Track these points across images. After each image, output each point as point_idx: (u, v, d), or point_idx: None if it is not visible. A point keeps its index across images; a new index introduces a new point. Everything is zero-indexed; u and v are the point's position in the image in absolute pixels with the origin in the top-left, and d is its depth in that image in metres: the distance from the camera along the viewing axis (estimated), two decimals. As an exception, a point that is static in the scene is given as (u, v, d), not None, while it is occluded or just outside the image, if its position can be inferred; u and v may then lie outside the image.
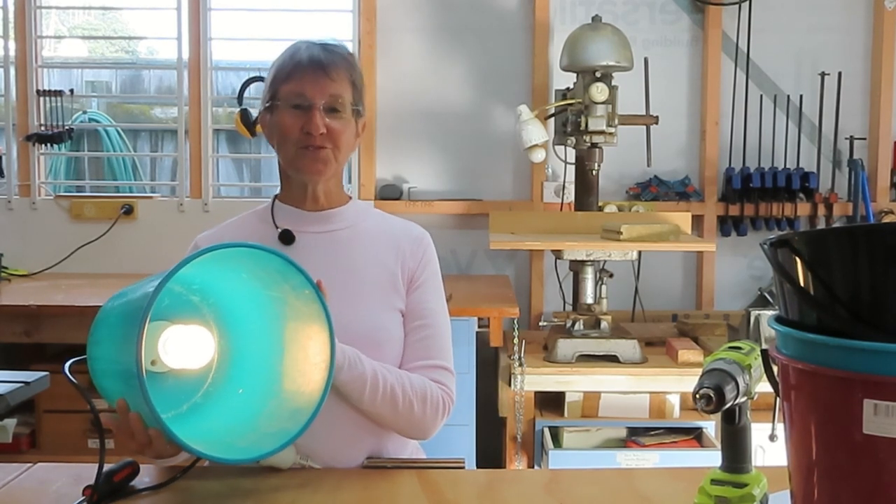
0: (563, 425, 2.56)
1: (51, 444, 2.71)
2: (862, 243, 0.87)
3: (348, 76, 1.47)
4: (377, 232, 1.56)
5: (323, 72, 1.44)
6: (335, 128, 1.45)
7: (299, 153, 1.47)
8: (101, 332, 1.25)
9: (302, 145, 1.46)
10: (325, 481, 1.30)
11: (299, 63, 1.45)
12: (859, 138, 3.29)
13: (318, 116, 1.43)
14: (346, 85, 1.47)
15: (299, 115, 1.45)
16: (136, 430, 1.15)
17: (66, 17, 4.67)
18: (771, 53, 3.31)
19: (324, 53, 1.46)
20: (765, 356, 1.02)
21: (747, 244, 3.33)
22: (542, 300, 3.35)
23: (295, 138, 1.46)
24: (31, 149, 3.40)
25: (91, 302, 2.66)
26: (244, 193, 4.08)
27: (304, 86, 1.44)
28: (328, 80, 1.44)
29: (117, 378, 1.19)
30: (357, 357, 1.38)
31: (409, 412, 1.43)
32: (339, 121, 1.46)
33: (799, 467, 0.94)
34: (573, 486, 1.29)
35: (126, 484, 1.25)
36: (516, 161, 3.34)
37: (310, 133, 1.44)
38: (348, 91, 1.47)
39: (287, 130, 1.46)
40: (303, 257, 1.29)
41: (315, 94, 1.44)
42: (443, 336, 1.53)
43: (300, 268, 1.22)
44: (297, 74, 1.44)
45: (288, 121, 1.45)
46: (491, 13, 3.35)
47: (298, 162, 1.48)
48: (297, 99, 1.44)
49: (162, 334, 1.24)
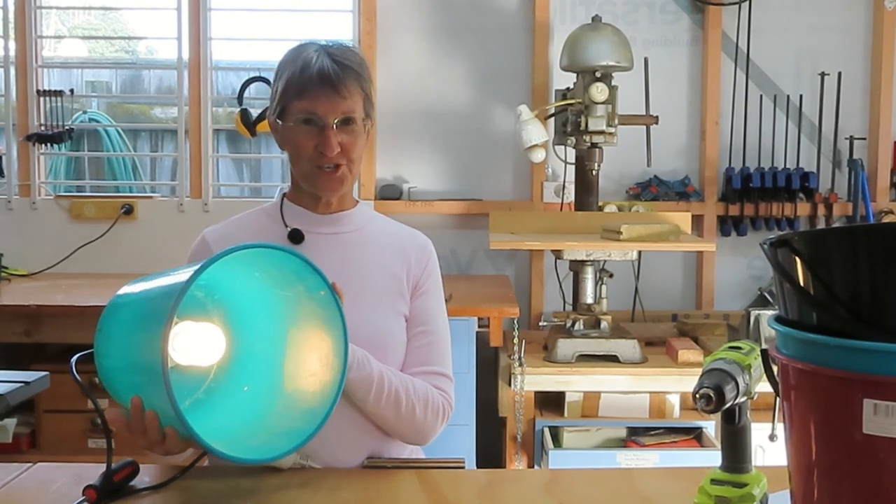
0: (563, 425, 2.56)
1: (51, 444, 2.71)
2: (862, 243, 0.87)
3: (360, 89, 1.46)
4: (384, 237, 1.57)
5: (334, 90, 1.42)
6: (348, 142, 1.45)
7: (314, 172, 1.47)
8: (113, 327, 1.23)
9: (316, 164, 1.46)
10: (325, 481, 1.30)
11: (310, 80, 1.42)
12: (859, 138, 3.29)
13: (332, 136, 1.43)
14: (358, 99, 1.45)
15: (312, 133, 1.44)
16: (151, 427, 1.15)
17: (66, 17, 4.67)
18: (771, 53, 3.31)
19: (334, 68, 1.42)
20: (765, 356, 1.02)
21: (747, 244, 3.33)
22: (542, 300, 3.34)
23: (308, 155, 1.45)
24: (31, 149, 3.40)
25: (91, 302, 2.66)
26: (244, 193, 4.08)
27: (315, 105, 1.42)
28: (340, 99, 1.43)
29: (131, 374, 1.19)
30: (365, 358, 1.39)
31: (411, 416, 1.43)
32: (351, 134, 1.45)
33: (799, 467, 0.94)
34: (573, 486, 1.29)
35: (126, 484, 1.25)
36: (516, 161, 3.34)
37: (323, 153, 1.43)
38: (360, 104, 1.46)
39: (300, 148, 1.45)
40: (311, 257, 1.29)
41: (327, 114, 1.43)
42: (443, 343, 1.54)
43: (317, 269, 1.22)
44: (309, 92, 1.42)
45: (301, 138, 1.45)
46: (491, 13, 3.35)
47: (314, 180, 1.48)
48: (310, 116, 1.43)
49: (171, 330, 1.24)
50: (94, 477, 1.22)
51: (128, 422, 1.17)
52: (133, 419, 1.16)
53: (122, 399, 1.21)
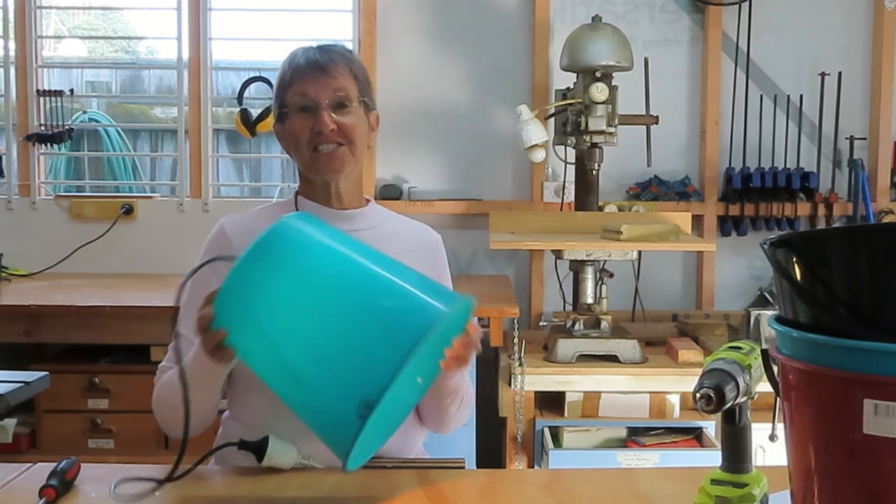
0: (563, 425, 2.56)
1: (51, 444, 2.70)
2: (862, 243, 0.88)
3: (348, 70, 1.48)
4: (397, 235, 1.57)
5: (322, 70, 1.46)
6: (346, 123, 1.47)
7: (313, 156, 1.48)
8: (284, 289, 1.03)
9: (314, 146, 1.47)
10: (325, 481, 1.30)
11: (298, 67, 1.47)
12: (859, 138, 3.29)
13: (326, 114, 1.45)
14: (349, 79, 1.48)
15: (308, 118, 1.46)
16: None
17: (66, 17, 4.67)
18: (771, 53, 3.31)
19: (320, 54, 1.48)
20: (765, 356, 1.02)
21: (747, 244, 3.33)
22: (542, 300, 3.34)
23: (306, 140, 1.47)
24: (31, 149, 3.40)
25: (91, 302, 2.66)
26: (244, 193, 4.08)
27: (305, 87, 1.46)
28: (328, 78, 1.46)
29: (311, 363, 1.02)
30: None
31: (465, 412, 1.52)
32: (348, 116, 1.47)
33: (799, 467, 0.94)
34: (573, 486, 1.29)
35: (72, 483, 1.24)
36: (516, 161, 3.34)
37: (321, 132, 1.45)
38: (352, 84, 1.48)
39: (298, 134, 1.47)
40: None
41: (318, 93, 1.45)
42: None
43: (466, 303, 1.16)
44: (298, 78, 1.46)
45: (298, 125, 1.47)
46: (491, 13, 3.35)
47: (315, 164, 1.49)
48: (303, 101, 1.46)
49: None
50: (95, 476, 1.22)
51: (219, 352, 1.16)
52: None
53: (260, 365, 1.08)
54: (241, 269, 1.05)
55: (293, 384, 1.05)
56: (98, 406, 2.68)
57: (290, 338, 1.04)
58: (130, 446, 2.69)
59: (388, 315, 1.03)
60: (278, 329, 1.04)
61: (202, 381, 1.31)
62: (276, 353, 1.04)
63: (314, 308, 1.04)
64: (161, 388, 1.45)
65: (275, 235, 1.07)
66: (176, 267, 3.22)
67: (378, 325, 1.03)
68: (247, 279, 1.05)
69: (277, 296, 1.04)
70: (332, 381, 1.02)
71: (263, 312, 1.04)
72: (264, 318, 1.04)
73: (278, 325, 1.04)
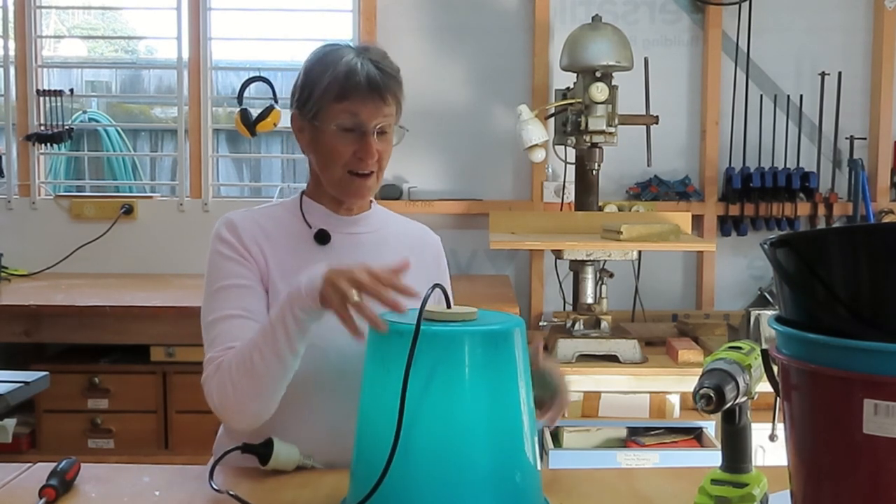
0: (563, 425, 2.56)
1: (51, 444, 2.70)
2: (862, 243, 0.87)
3: (397, 98, 1.46)
4: (399, 238, 1.57)
5: (378, 94, 1.41)
6: (383, 150, 1.45)
7: (347, 178, 1.44)
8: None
9: (351, 170, 1.44)
10: (325, 481, 1.30)
11: (356, 83, 1.40)
12: (859, 138, 3.28)
13: (373, 143, 1.42)
14: (395, 105, 1.46)
15: (353, 140, 1.42)
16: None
17: (66, 17, 4.67)
18: (771, 53, 3.31)
19: (380, 74, 1.42)
20: (765, 356, 1.02)
21: (747, 244, 3.33)
22: (542, 300, 3.34)
23: (344, 161, 1.43)
24: (30, 149, 3.40)
25: (91, 302, 2.66)
26: (244, 193, 4.08)
27: (359, 109, 1.41)
28: (383, 105, 1.42)
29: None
30: None
31: None
32: (385, 143, 1.45)
33: (799, 467, 0.94)
34: (573, 486, 1.29)
35: (73, 482, 1.25)
36: (516, 161, 3.34)
37: (363, 159, 1.42)
38: (396, 111, 1.47)
39: (337, 154, 1.43)
40: (336, 259, 1.28)
41: (370, 118, 1.41)
42: None
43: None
44: (355, 96, 1.40)
45: (339, 144, 1.42)
46: (491, 13, 3.35)
47: (346, 187, 1.46)
48: (351, 121, 1.41)
49: None
50: (95, 476, 1.22)
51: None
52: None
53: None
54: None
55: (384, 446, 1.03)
56: (98, 406, 2.68)
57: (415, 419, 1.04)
58: (130, 446, 2.69)
59: (509, 486, 1.08)
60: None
61: (293, 331, 1.24)
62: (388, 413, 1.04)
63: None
64: (236, 356, 1.30)
65: (500, 336, 1.09)
66: (176, 267, 3.23)
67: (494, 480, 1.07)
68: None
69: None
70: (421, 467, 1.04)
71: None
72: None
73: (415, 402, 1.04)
